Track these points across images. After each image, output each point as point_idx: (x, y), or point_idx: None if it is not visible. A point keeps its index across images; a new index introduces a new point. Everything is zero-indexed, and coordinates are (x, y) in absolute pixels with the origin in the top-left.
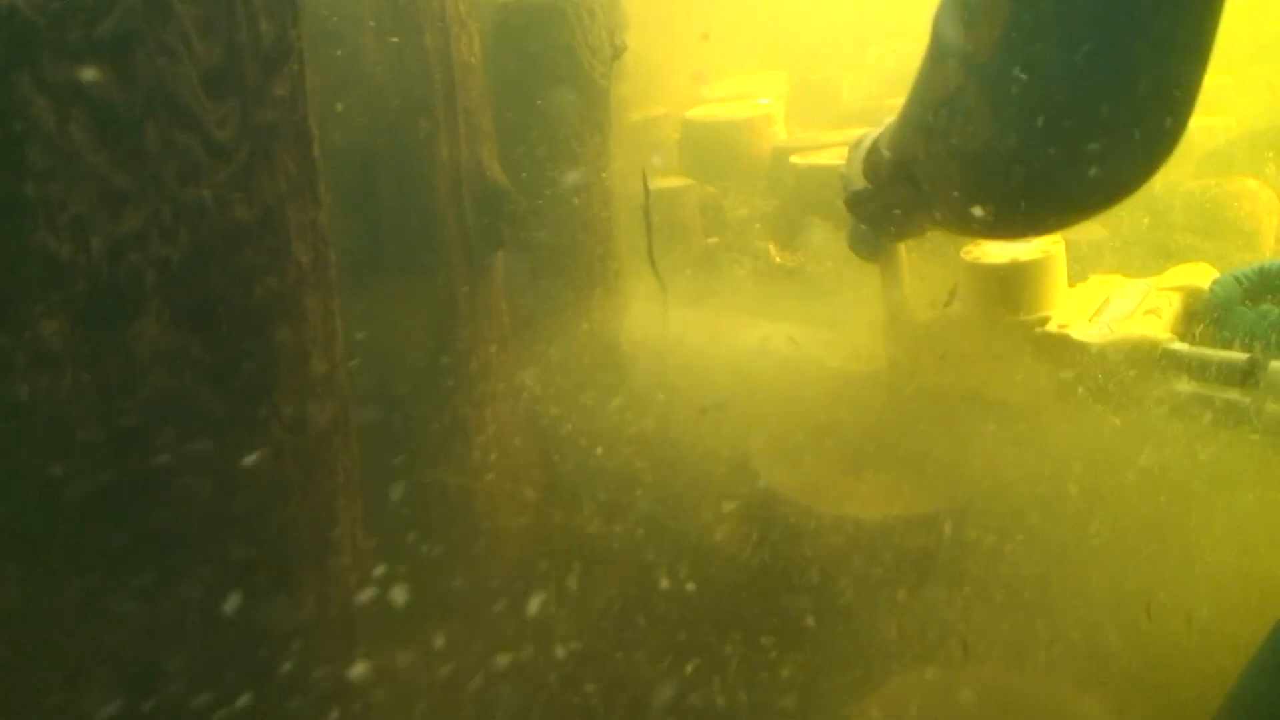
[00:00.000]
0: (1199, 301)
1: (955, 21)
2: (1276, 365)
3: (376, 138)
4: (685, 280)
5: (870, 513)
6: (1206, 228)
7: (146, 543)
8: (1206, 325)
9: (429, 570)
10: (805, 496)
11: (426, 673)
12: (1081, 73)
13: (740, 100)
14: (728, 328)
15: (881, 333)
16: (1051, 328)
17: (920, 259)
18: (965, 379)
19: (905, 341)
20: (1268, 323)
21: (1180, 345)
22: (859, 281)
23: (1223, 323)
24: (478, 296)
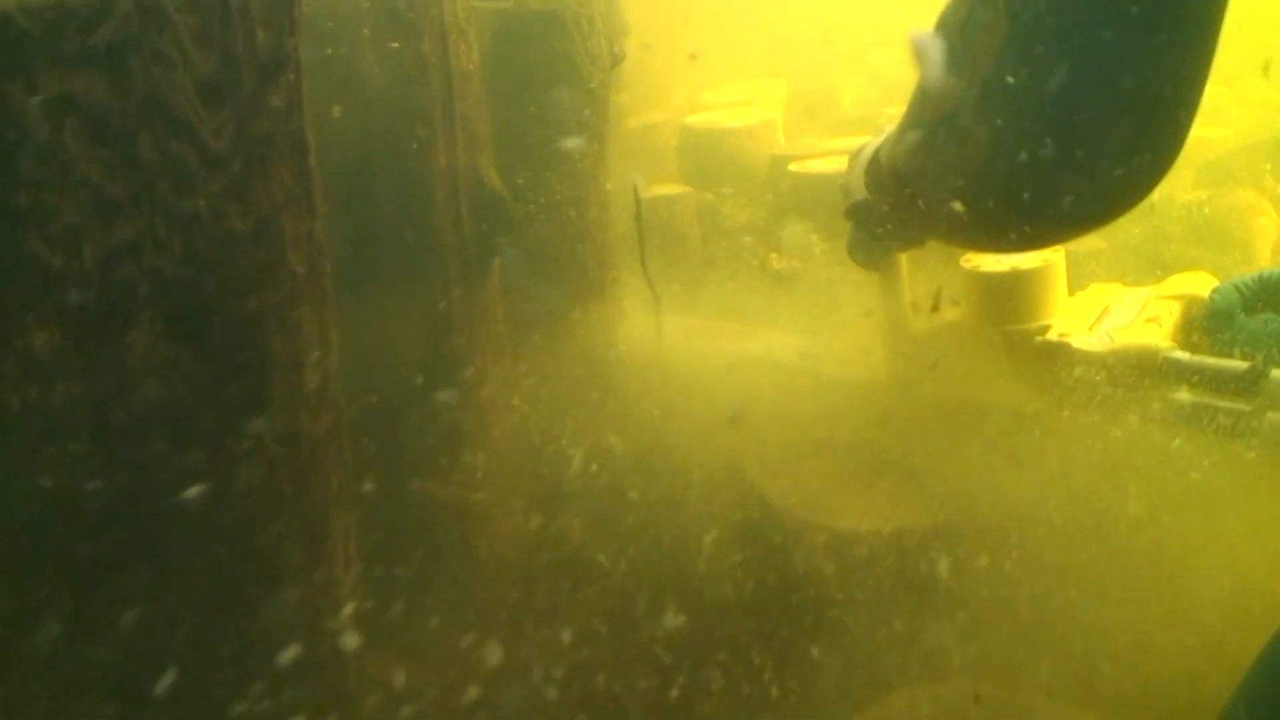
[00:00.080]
0: (1199, 310)
1: (954, 39)
2: (1278, 374)
3: (373, 144)
4: (682, 288)
5: (866, 526)
6: (1204, 239)
7: (137, 556)
8: (1206, 334)
9: (418, 584)
10: (801, 508)
11: (418, 685)
12: (1077, 96)
13: (739, 107)
14: (723, 336)
15: (881, 341)
16: (1052, 336)
17: (920, 267)
18: (965, 388)
19: (905, 350)
20: (1269, 331)
21: (1181, 354)
22: (856, 289)
23: (1222, 331)
24: (473, 305)
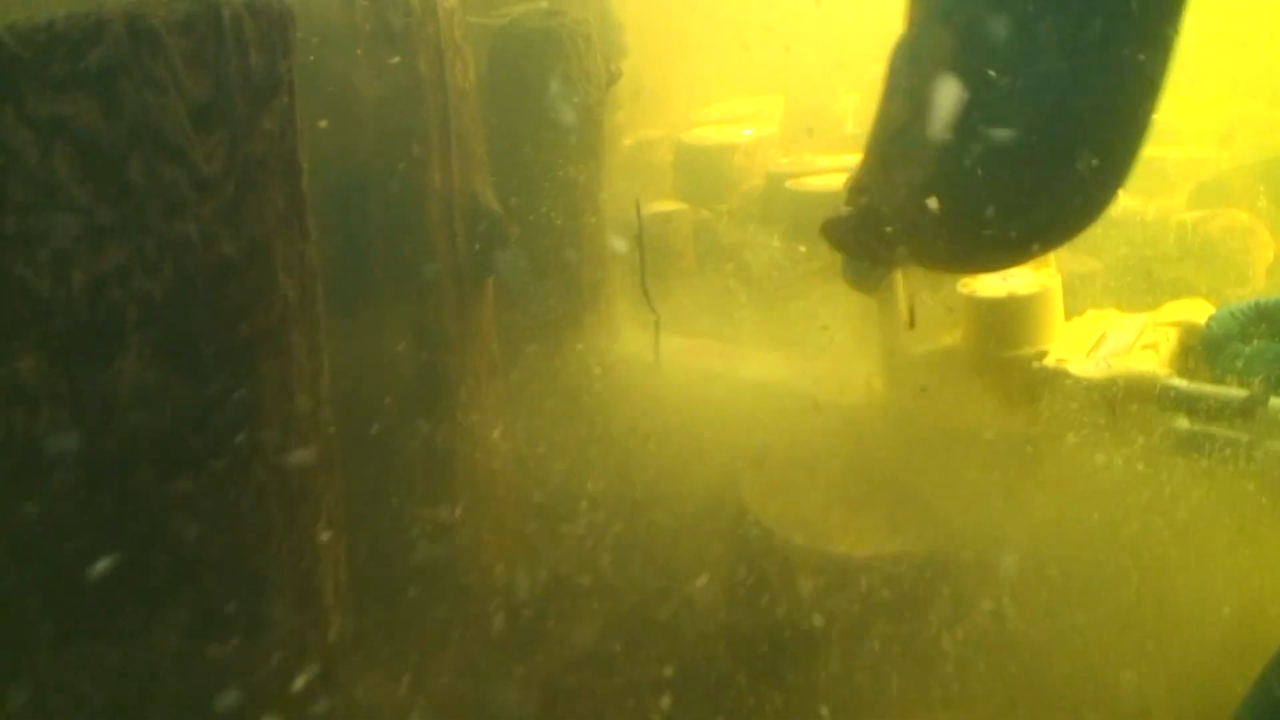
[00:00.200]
0: (1195, 337)
1: (905, 59)
2: (1276, 402)
3: (369, 162)
4: (677, 306)
5: (862, 552)
6: (1198, 260)
7: (123, 584)
8: (1203, 360)
9: (406, 607)
10: (797, 533)
11: (405, 709)
12: (1020, 111)
13: (736, 123)
14: (718, 356)
15: (876, 365)
16: (1049, 362)
17: (917, 292)
18: (961, 413)
19: (900, 374)
20: (1264, 359)
21: (1179, 381)
22: (851, 310)
23: (1219, 358)
24: (467, 323)
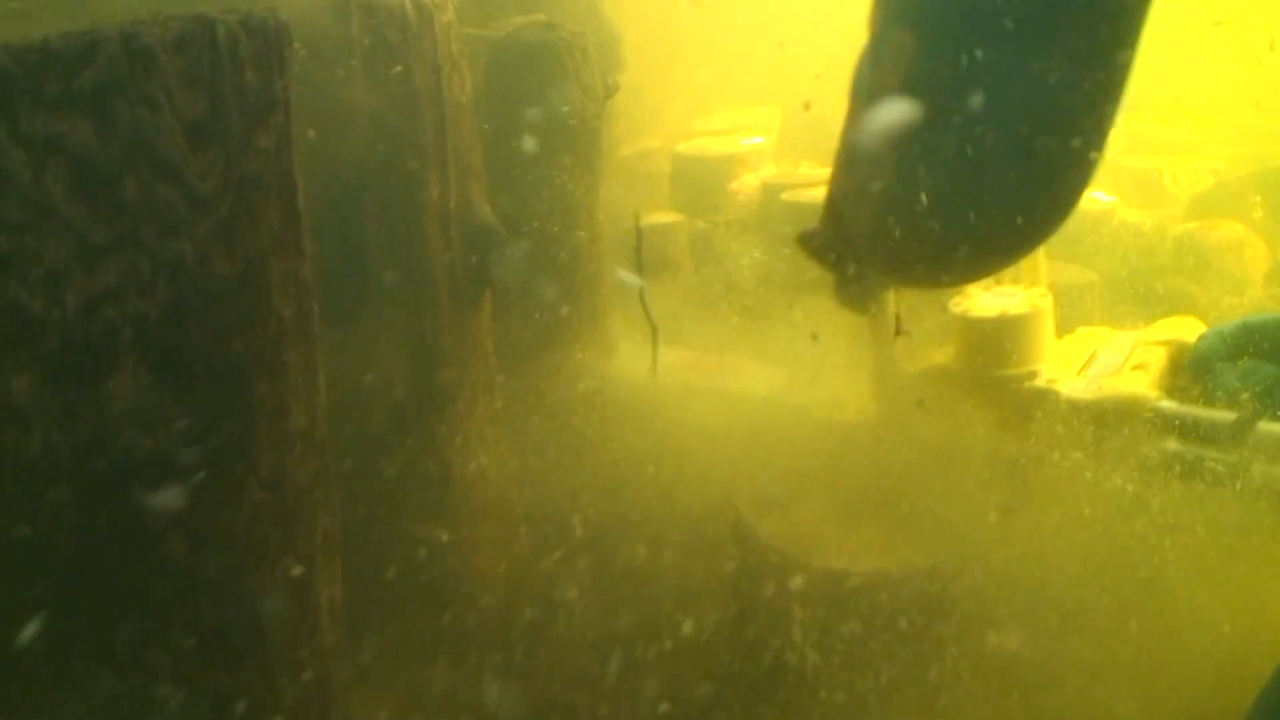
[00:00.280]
0: (1185, 356)
1: (865, 68)
2: (1264, 425)
3: (365, 176)
4: (673, 317)
5: (857, 566)
6: (1195, 272)
7: (117, 605)
8: (1192, 380)
9: (402, 624)
10: (786, 547)
11: None
12: (976, 115)
13: (732, 134)
14: (714, 370)
15: (869, 383)
16: (1040, 382)
17: (913, 308)
18: (952, 432)
19: (893, 393)
20: (1251, 380)
21: (1169, 403)
22: (842, 325)
23: (1208, 378)
24: (464, 337)
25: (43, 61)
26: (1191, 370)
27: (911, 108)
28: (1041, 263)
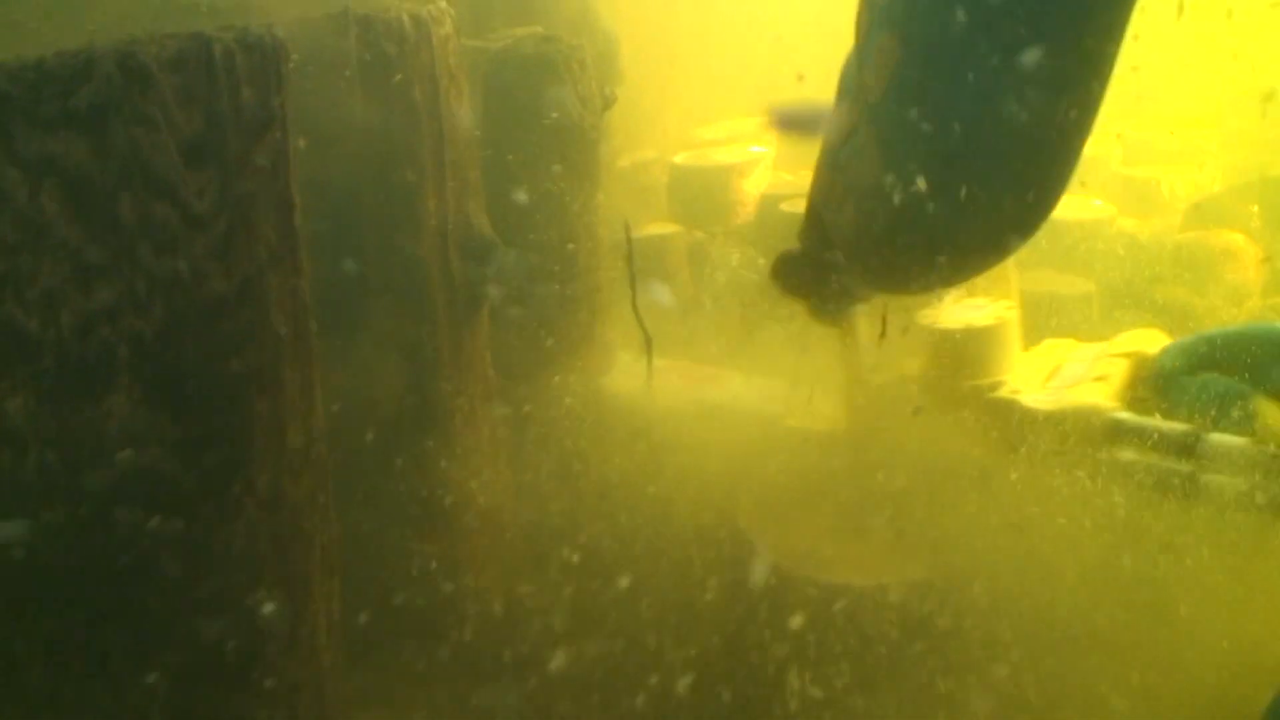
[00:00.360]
0: (1147, 368)
1: (852, 64)
2: (1215, 437)
3: (362, 189)
4: (671, 329)
5: (856, 581)
6: (1193, 281)
7: (113, 625)
8: (1153, 393)
9: (402, 638)
10: (784, 563)
11: None
12: (959, 120)
13: (730, 144)
14: (711, 382)
15: (841, 394)
16: (1004, 393)
17: (879, 324)
18: (919, 442)
19: (863, 404)
20: (1209, 394)
21: (1126, 415)
22: (826, 335)
23: (1166, 392)
24: (461, 350)
25: (38, 81)
26: (1152, 382)
27: (897, 110)
28: (1012, 275)
